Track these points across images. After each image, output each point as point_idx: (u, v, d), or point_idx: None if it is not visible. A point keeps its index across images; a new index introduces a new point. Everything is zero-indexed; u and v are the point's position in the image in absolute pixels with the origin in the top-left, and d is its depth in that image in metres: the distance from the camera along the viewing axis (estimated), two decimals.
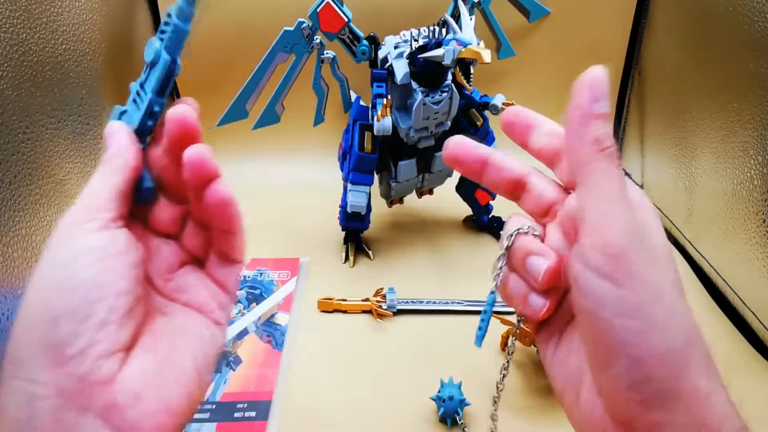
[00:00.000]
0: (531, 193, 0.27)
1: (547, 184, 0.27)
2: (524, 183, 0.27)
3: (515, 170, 0.27)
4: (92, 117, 0.57)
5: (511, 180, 0.27)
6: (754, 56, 0.51)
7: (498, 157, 0.27)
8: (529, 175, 0.27)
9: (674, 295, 0.21)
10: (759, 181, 0.50)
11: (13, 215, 0.43)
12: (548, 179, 0.27)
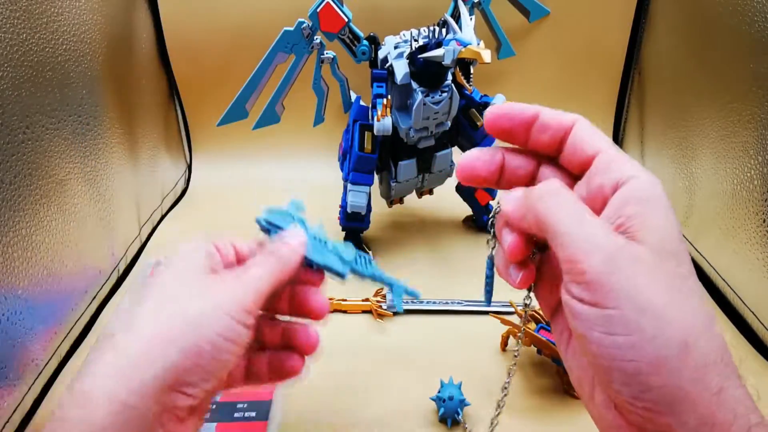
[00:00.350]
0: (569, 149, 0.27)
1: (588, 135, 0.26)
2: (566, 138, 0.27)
3: (564, 123, 0.26)
4: (92, 117, 0.57)
5: (558, 137, 0.26)
6: (754, 56, 0.51)
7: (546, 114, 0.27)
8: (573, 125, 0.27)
9: (668, 298, 0.21)
10: (759, 181, 0.50)
11: (13, 215, 0.43)
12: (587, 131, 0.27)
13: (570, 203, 0.23)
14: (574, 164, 0.26)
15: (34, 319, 0.46)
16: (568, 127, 0.26)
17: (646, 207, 0.22)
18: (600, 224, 0.22)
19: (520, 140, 0.27)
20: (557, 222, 0.23)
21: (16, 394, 0.44)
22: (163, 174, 0.77)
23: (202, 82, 0.78)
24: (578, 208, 0.23)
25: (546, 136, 0.26)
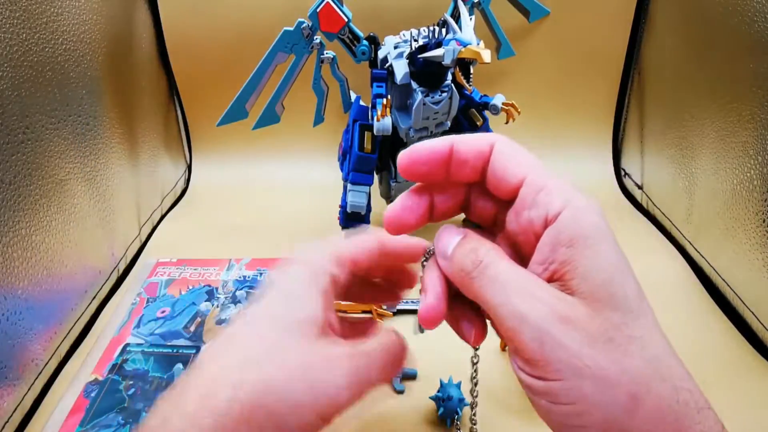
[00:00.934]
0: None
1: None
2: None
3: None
4: (92, 117, 0.57)
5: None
6: (754, 56, 0.51)
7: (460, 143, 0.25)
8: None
9: (606, 357, 0.20)
10: (759, 181, 0.50)
11: (13, 215, 0.43)
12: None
13: (496, 275, 0.22)
14: (501, 192, 0.25)
15: (34, 319, 0.46)
16: (486, 155, 0.24)
17: (576, 249, 0.21)
18: (527, 290, 0.22)
19: (441, 178, 0.26)
20: (488, 300, 0.22)
21: (16, 394, 0.44)
22: (163, 174, 0.77)
23: (202, 82, 0.78)
24: (506, 277, 0.22)
25: (466, 169, 0.25)
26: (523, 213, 0.23)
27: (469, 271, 0.23)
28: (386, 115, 0.54)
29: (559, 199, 0.22)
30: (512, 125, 0.60)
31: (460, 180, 0.26)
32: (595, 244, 0.21)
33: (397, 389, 0.46)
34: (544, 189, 0.23)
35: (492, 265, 0.23)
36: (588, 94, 0.79)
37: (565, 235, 0.21)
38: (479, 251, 0.24)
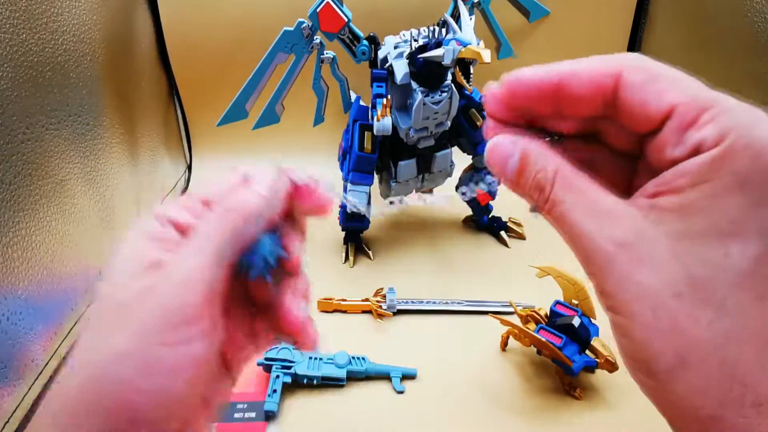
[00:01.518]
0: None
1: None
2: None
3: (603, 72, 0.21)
4: (92, 117, 0.57)
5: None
6: (754, 56, 0.51)
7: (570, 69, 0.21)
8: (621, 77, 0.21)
9: (678, 300, 0.18)
10: None
11: (13, 215, 0.43)
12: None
13: (564, 217, 0.20)
14: (636, 127, 0.20)
15: (34, 319, 0.46)
16: (609, 89, 0.21)
17: (701, 187, 0.18)
18: (601, 223, 0.19)
19: (547, 112, 0.22)
20: (562, 235, 0.20)
21: (16, 394, 0.44)
22: (163, 174, 0.77)
23: (202, 82, 0.78)
24: (574, 218, 0.20)
25: (581, 106, 0.21)
26: (666, 151, 0.19)
27: (540, 206, 0.21)
28: (386, 115, 0.54)
29: (713, 135, 0.18)
30: None
31: (575, 114, 0.22)
32: (721, 192, 0.18)
33: (397, 389, 0.47)
34: (697, 122, 0.18)
35: (558, 202, 0.20)
36: None
37: (696, 170, 0.18)
38: (545, 189, 0.21)
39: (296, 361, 0.47)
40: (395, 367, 0.48)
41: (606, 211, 0.19)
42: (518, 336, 0.48)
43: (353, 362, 0.47)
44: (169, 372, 0.19)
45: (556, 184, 0.20)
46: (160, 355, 0.19)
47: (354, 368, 0.47)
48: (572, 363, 0.44)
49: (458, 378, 0.48)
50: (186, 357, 0.20)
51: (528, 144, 0.21)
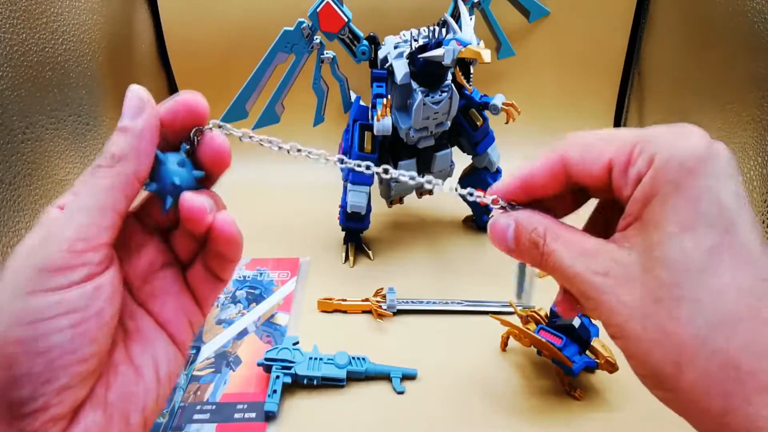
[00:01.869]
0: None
1: None
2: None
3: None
4: (92, 117, 0.57)
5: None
6: (754, 57, 0.51)
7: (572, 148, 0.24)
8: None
9: (655, 309, 0.20)
10: (758, 182, 0.50)
11: (13, 215, 0.43)
12: None
13: (554, 249, 0.23)
14: (596, 189, 0.24)
15: None
16: (560, 173, 0.24)
17: (650, 206, 0.21)
18: (580, 250, 0.22)
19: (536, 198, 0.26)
20: (562, 283, 0.24)
21: None
22: None
23: (202, 82, 0.78)
24: (562, 247, 0.23)
25: (550, 192, 0.25)
26: (623, 195, 0.22)
27: (540, 264, 0.24)
28: (386, 115, 0.54)
29: (644, 163, 0.21)
30: (512, 125, 0.60)
31: (547, 197, 0.25)
32: (664, 201, 0.20)
33: (397, 389, 0.47)
34: (630, 162, 0.21)
35: (550, 252, 0.23)
36: (588, 94, 0.79)
37: (641, 192, 0.21)
38: (536, 240, 0.24)
39: (296, 361, 0.47)
40: (395, 368, 0.48)
41: (590, 250, 0.22)
42: (518, 336, 0.48)
43: (353, 362, 0.47)
44: (44, 320, 0.19)
45: (547, 237, 0.24)
46: (34, 304, 0.19)
47: (354, 368, 0.47)
48: (572, 363, 0.44)
49: (458, 378, 0.48)
50: (61, 304, 0.19)
51: (518, 214, 0.25)
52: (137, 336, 0.24)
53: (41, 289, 0.19)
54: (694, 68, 0.63)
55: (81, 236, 0.20)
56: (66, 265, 0.20)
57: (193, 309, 0.26)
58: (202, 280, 0.26)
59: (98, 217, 0.21)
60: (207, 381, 0.47)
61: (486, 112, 0.60)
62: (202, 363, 0.49)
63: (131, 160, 0.22)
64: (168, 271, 0.25)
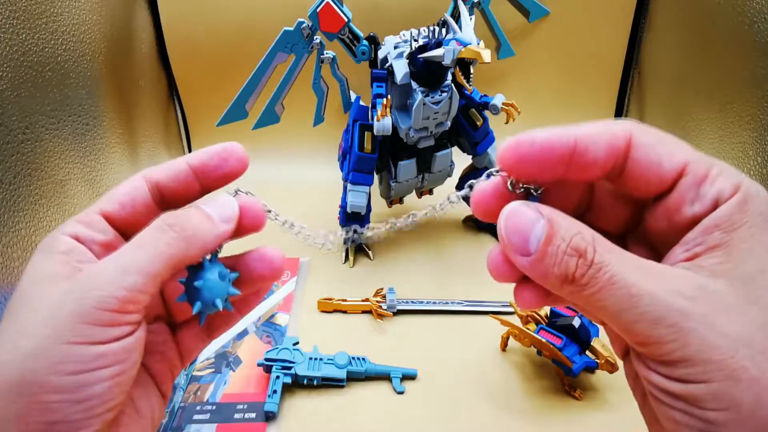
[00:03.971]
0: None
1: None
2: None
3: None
4: (92, 117, 0.57)
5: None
6: (754, 57, 0.51)
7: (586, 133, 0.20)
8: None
9: (765, 345, 0.17)
10: (758, 182, 0.50)
11: (13, 215, 0.43)
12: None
13: (615, 277, 0.18)
14: (644, 191, 0.20)
15: None
16: (621, 150, 0.20)
17: (734, 234, 0.18)
18: (660, 286, 0.18)
19: (554, 177, 0.21)
20: (607, 309, 0.18)
21: None
22: None
23: (202, 82, 0.78)
24: (627, 276, 0.18)
25: (594, 169, 0.20)
26: (684, 209, 0.19)
27: (578, 279, 0.18)
28: (386, 115, 0.54)
29: (729, 185, 0.18)
30: (512, 125, 0.60)
31: (581, 179, 0.21)
32: (758, 233, 0.18)
33: (397, 389, 0.47)
34: (708, 178, 0.19)
35: (607, 263, 0.18)
36: (588, 94, 0.79)
37: (726, 219, 0.18)
38: (587, 251, 0.18)
39: (296, 361, 0.47)
40: (395, 368, 0.48)
41: (659, 271, 0.18)
42: (518, 336, 0.48)
43: (353, 362, 0.47)
44: (87, 372, 0.19)
45: (598, 246, 0.18)
46: (76, 354, 0.19)
47: (354, 369, 0.47)
48: (572, 364, 0.44)
49: (458, 378, 0.48)
50: (106, 357, 0.19)
51: (553, 210, 0.20)
52: (137, 381, 0.23)
53: (85, 341, 0.19)
54: (694, 68, 0.63)
55: (132, 299, 0.20)
56: (114, 322, 0.20)
57: (177, 363, 0.26)
58: (192, 335, 0.26)
59: (150, 284, 0.20)
60: (207, 381, 0.47)
61: (486, 112, 0.60)
62: (202, 363, 0.49)
63: (196, 246, 0.22)
64: (158, 324, 0.26)
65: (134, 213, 0.23)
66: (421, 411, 0.45)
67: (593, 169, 0.20)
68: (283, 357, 0.47)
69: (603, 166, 0.20)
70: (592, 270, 0.18)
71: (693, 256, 0.18)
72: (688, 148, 0.19)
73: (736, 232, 0.18)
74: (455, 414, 0.45)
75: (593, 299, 0.18)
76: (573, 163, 0.20)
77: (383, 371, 0.47)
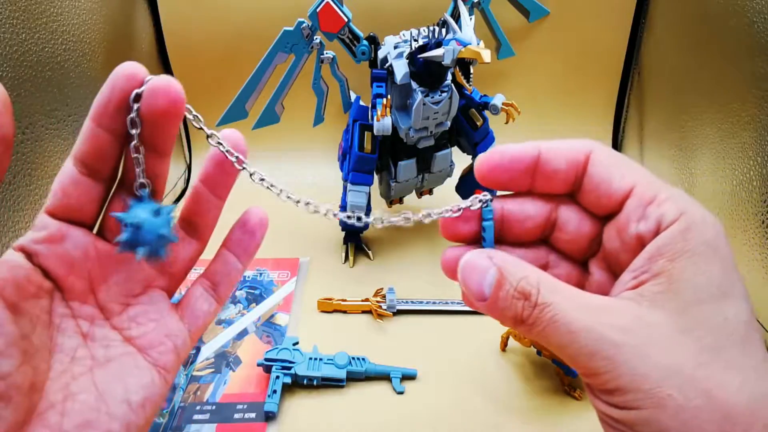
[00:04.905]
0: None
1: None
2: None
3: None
4: None
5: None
6: (754, 57, 0.51)
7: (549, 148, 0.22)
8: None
9: (699, 376, 0.18)
10: (758, 182, 0.50)
11: (12, 215, 0.43)
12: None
13: (556, 316, 0.19)
14: (600, 206, 0.22)
15: None
16: (580, 164, 0.22)
17: (677, 263, 0.19)
18: (597, 319, 0.19)
19: (523, 187, 0.23)
20: (552, 344, 0.20)
21: None
22: None
23: (202, 82, 0.78)
24: (568, 316, 0.19)
25: (556, 180, 0.22)
26: (630, 227, 0.20)
27: (526, 319, 0.20)
28: (386, 115, 0.54)
29: (673, 211, 0.19)
30: (512, 125, 0.60)
31: (546, 191, 0.23)
32: (700, 262, 0.19)
33: (397, 389, 0.47)
34: (655, 200, 0.20)
35: (549, 304, 0.20)
36: (588, 94, 0.79)
37: (671, 247, 0.19)
38: (531, 293, 0.20)
39: (296, 361, 0.47)
40: (395, 368, 0.48)
41: (599, 305, 0.19)
42: (518, 336, 0.48)
43: (353, 363, 0.47)
44: None
45: (542, 288, 0.20)
46: None
47: (354, 369, 0.47)
48: None
49: (458, 378, 0.48)
50: None
51: (504, 256, 0.22)
52: (107, 363, 0.23)
53: None
54: (694, 68, 0.63)
55: None
56: None
57: (179, 332, 0.25)
58: (198, 299, 0.26)
59: None
60: (207, 381, 0.47)
61: (486, 112, 0.60)
62: (202, 363, 0.49)
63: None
64: (154, 293, 0.25)
65: (65, 196, 0.23)
66: (421, 411, 0.45)
67: (556, 180, 0.22)
68: (283, 357, 0.47)
69: (565, 178, 0.22)
70: (536, 311, 0.20)
71: (638, 284, 0.20)
72: (643, 171, 0.21)
73: (678, 260, 0.19)
74: (455, 414, 0.45)
75: (540, 336, 0.20)
76: (538, 172, 0.22)
77: (383, 371, 0.47)
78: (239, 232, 0.27)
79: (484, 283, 0.21)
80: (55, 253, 0.22)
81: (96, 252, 0.24)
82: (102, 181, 0.23)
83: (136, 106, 0.21)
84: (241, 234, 0.27)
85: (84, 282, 0.23)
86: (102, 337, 0.24)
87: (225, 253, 0.27)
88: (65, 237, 0.23)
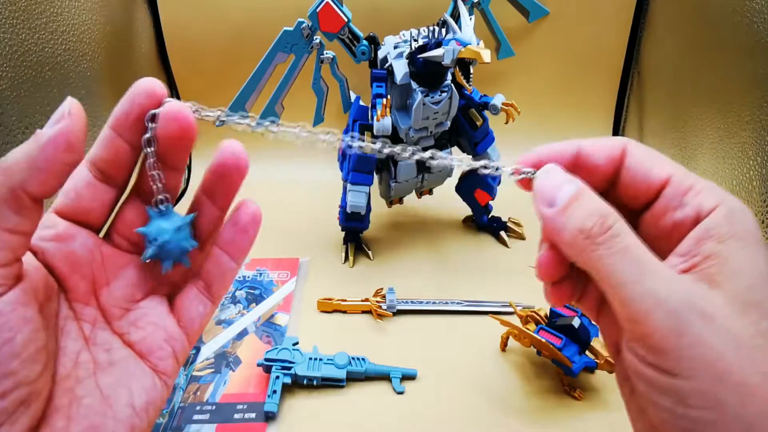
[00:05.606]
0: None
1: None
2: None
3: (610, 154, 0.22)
4: (92, 117, 0.57)
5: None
6: (753, 57, 0.51)
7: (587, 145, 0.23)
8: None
9: (750, 364, 0.17)
10: (758, 182, 0.50)
11: None
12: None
13: (628, 248, 0.19)
14: (639, 196, 0.22)
15: None
16: (617, 159, 0.22)
17: (727, 246, 0.19)
18: (665, 273, 0.19)
19: None
20: (613, 273, 0.19)
21: None
22: None
23: (202, 82, 0.78)
24: (640, 252, 0.19)
25: (596, 176, 0.23)
26: (668, 215, 0.21)
27: (594, 236, 0.19)
28: (386, 115, 0.54)
29: (712, 198, 0.20)
30: (512, 125, 0.60)
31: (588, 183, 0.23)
32: (748, 246, 0.19)
33: (396, 390, 0.47)
34: (692, 188, 0.21)
35: (624, 235, 0.19)
36: (588, 94, 0.79)
37: (717, 231, 0.19)
38: (608, 217, 0.20)
39: (296, 361, 0.47)
40: (395, 368, 0.48)
41: (667, 267, 0.19)
42: (518, 336, 0.48)
43: (353, 363, 0.47)
44: None
45: (619, 220, 0.20)
46: None
47: (354, 369, 0.47)
48: (572, 364, 0.44)
49: (458, 378, 0.48)
50: None
51: (586, 184, 0.22)
52: (109, 368, 0.23)
53: None
54: (694, 68, 0.63)
55: None
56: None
57: (178, 337, 0.25)
58: (192, 304, 0.25)
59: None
60: (207, 381, 0.47)
61: (486, 112, 0.60)
62: (201, 363, 0.49)
63: (20, 171, 0.20)
64: (154, 298, 0.25)
65: (78, 197, 0.23)
66: (421, 411, 0.45)
67: (597, 175, 0.23)
68: (282, 357, 0.47)
69: (604, 171, 0.22)
70: (610, 233, 0.19)
71: (690, 267, 0.19)
72: (677, 164, 0.22)
73: (726, 243, 0.19)
74: (455, 414, 0.45)
75: (604, 261, 0.19)
76: (579, 168, 0.23)
77: (383, 371, 0.47)
78: (231, 230, 0.26)
79: (561, 191, 0.21)
80: (61, 252, 0.23)
81: (101, 255, 0.24)
82: (115, 186, 0.24)
83: (152, 125, 0.22)
84: (233, 232, 0.26)
85: (87, 283, 0.23)
86: (103, 341, 0.23)
87: (218, 253, 0.26)
88: (73, 237, 0.23)
